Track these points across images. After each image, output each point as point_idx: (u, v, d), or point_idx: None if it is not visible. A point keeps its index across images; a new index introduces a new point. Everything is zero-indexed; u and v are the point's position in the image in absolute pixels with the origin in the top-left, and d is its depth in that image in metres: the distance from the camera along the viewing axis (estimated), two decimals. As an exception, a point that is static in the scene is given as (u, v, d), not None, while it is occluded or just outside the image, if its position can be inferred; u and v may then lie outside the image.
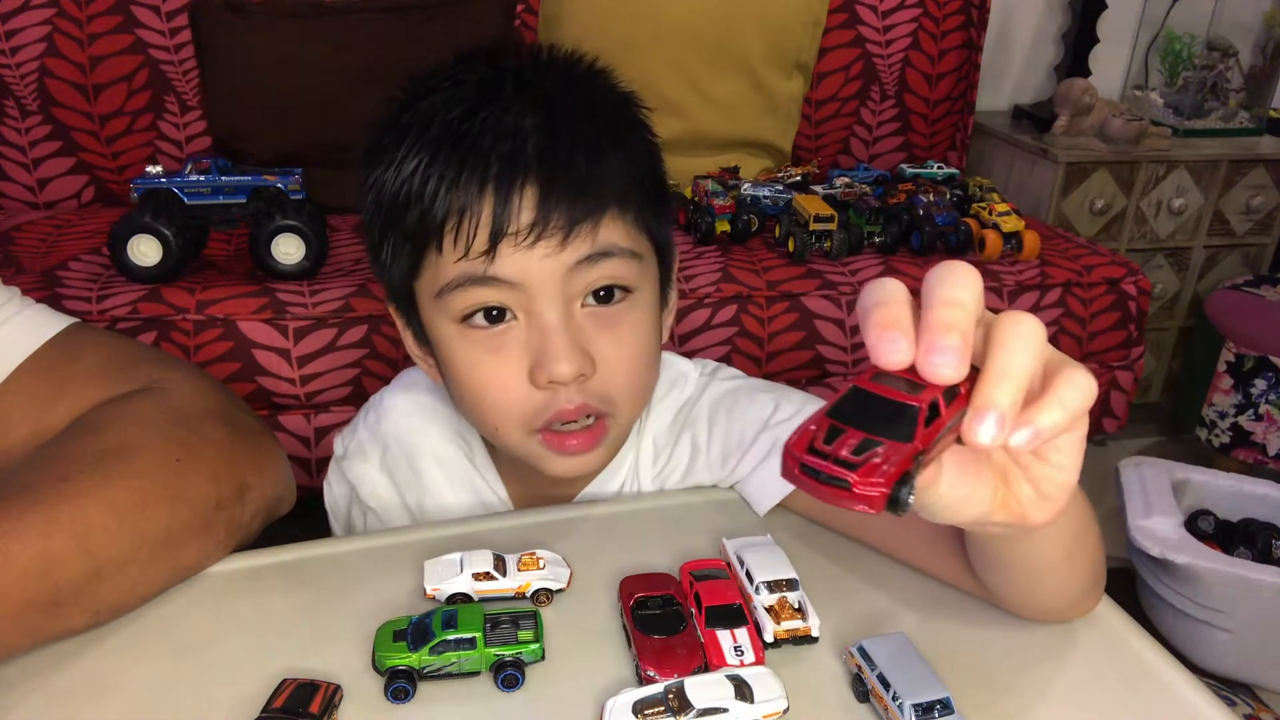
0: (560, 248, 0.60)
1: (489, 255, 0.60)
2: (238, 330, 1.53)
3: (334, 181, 1.92)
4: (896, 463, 0.34)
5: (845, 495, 0.34)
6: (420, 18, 1.96)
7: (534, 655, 0.53)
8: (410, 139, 0.63)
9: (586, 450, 0.66)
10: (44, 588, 0.51)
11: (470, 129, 0.61)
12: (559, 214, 0.60)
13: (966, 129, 2.33)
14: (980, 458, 0.42)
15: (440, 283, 0.63)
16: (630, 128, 0.67)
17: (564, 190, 0.60)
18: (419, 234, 0.62)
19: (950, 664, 0.52)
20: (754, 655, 0.52)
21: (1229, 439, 2.16)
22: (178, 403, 0.63)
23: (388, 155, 0.64)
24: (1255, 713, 1.53)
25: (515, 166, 0.60)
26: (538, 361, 0.62)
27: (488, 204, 0.60)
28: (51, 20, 1.87)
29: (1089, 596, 0.59)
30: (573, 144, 0.61)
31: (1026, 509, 0.43)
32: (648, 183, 0.66)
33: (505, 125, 0.60)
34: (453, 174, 0.60)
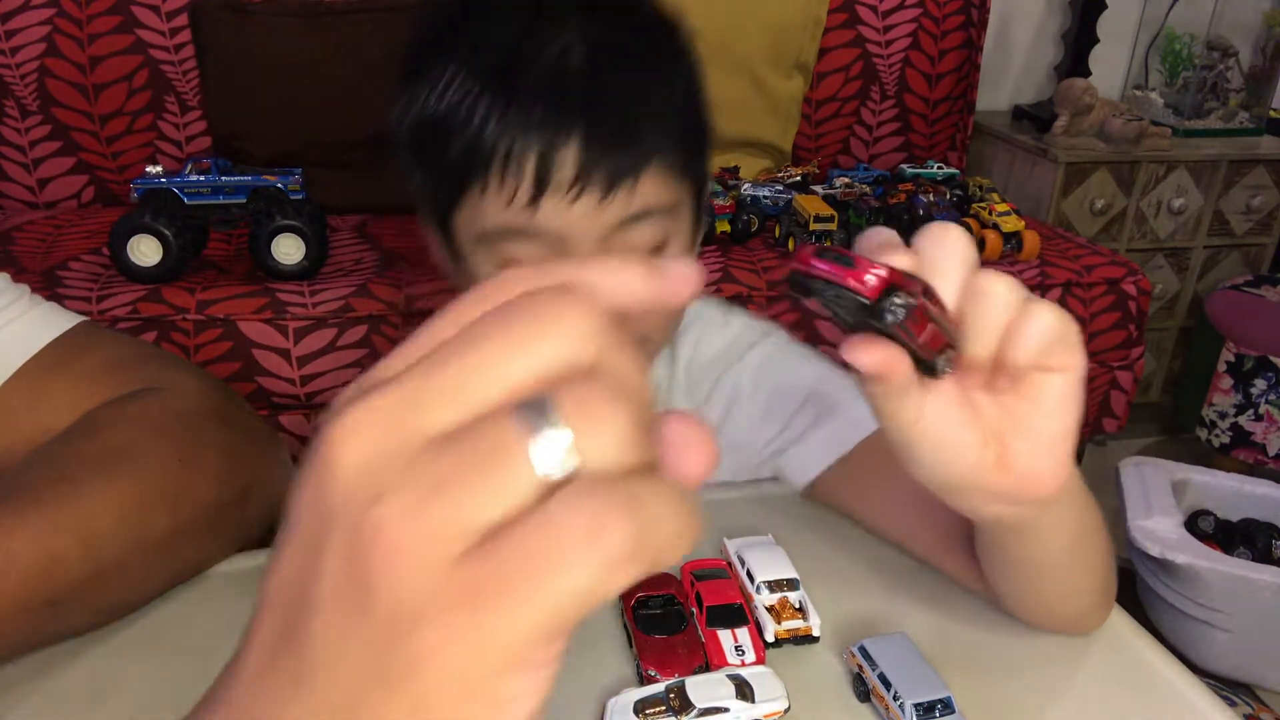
0: (602, 205, 0.60)
1: (532, 207, 0.60)
2: (238, 330, 1.53)
3: (334, 181, 1.92)
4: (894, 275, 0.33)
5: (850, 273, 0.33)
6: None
7: None
8: (456, 62, 0.61)
9: None
10: (46, 588, 0.51)
11: (518, 64, 0.59)
12: (601, 169, 0.59)
13: (966, 129, 2.33)
14: (968, 404, 0.41)
15: (481, 226, 0.62)
16: (677, 59, 0.66)
17: (607, 147, 0.59)
18: (461, 171, 0.61)
19: (951, 664, 0.52)
20: (755, 655, 0.52)
21: (1229, 439, 2.16)
22: (181, 404, 0.63)
23: (430, 73, 0.62)
24: (1255, 713, 1.53)
25: (558, 116, 0.59)
26: None
27: (532, 154, 0.59)
28: (51, 20, 1.87)
29: (1099, 608, 0.58)
30: (618, 96, 0.60)
31: (1025, 469, 0.42)
32: (690, 118, 0.66)
33: (552, 65, 0.59)
34: (499, 113, 0.59)
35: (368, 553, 0.20)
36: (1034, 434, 0.42)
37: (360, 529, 0.20)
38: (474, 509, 0.19)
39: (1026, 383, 0.41)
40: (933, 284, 0.37)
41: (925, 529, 0.63)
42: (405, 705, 0.20)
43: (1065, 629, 0.59)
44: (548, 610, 0.20)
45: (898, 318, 0.34)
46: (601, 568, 0.19)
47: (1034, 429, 0.42)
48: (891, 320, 0.34)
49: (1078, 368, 0.41)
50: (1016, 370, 0.40)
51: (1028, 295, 0.40)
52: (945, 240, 0.39)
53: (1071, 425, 0.42)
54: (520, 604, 0.19)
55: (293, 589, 0.21)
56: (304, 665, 0.21)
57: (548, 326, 0.21)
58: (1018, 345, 0.39)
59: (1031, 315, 0.39)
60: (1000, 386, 0.42)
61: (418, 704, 0.20)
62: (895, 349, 0.36)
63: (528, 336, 0.21)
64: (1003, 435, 0.42)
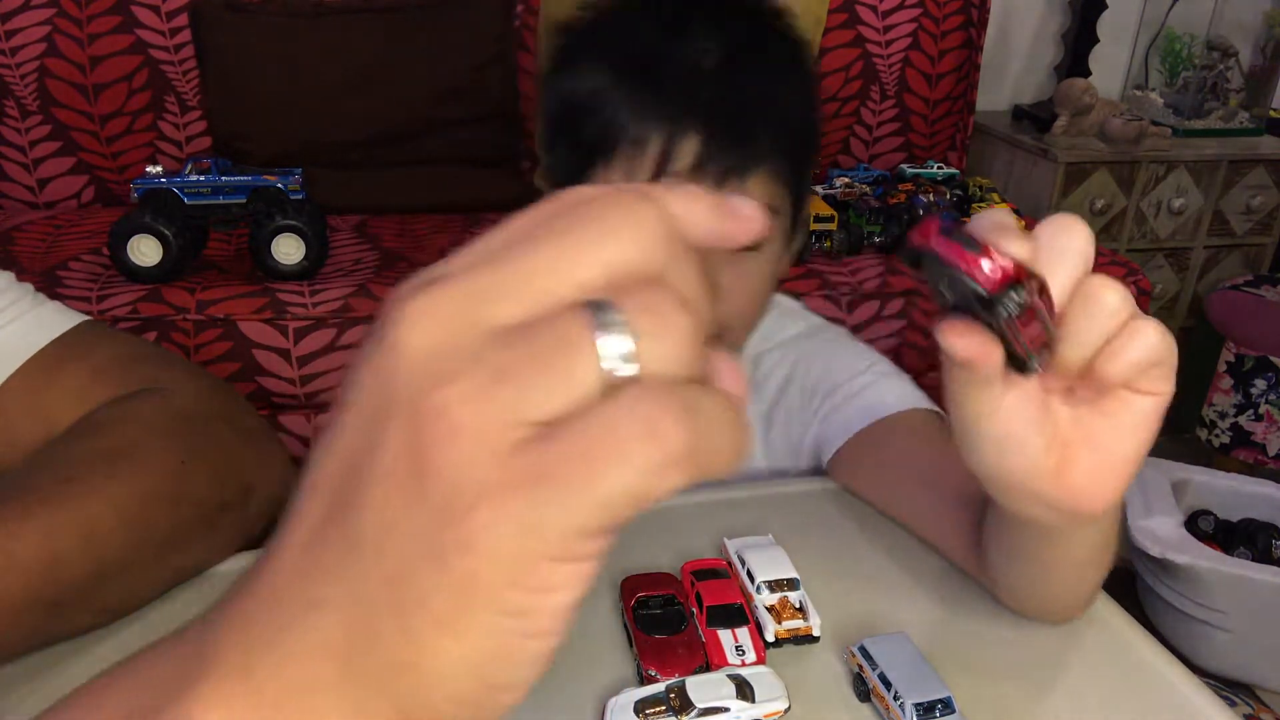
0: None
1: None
2: (238, 330, 1.53)
3: (334, 181, 1.92)
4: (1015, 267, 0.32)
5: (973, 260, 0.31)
6: (420, 18, 1.96)
7: None
8: (597, 53, 0.68)
9: None
10: (48, 588, 0.51)
11: (654, 62, 0.66)
12: (717, 163, 0.65)
13: (966, 129, 2.33)
14: (1043, 405, 0.40)
15: None
16: (799, 74, 0.72)
17: (724, 145, 0.65)
18: (593, 147, 0.67)
19: (951, 663, 0.52)
20: (755, 655, 0.52)
21: (1229, 439, 2.16)
22: (182, 404, 0.63)
23: (573, 61, 0.69)
24: (1255, 713, 1.53)
25: (687, 109, 0.64)
26: None
27: (655, 143, 0.64)
28: (51, 20, 1.87)
29: (1087, 603, 0.59)
30: (743, 99, 0.66)
31: (1082, 484, 0.41)
32: (802, 132, 0.71)
33: (686, 66, 0.65)
34: (630, 104, 0.65)
35: (430, 432, 0.20)
36: (1103, 451, 0.41)
37: (423, 410, 0.20)
38: (537, 399, 0.20)
39: (1111, 398, 0.40)
40: (1046, 279, 0.35)
41: (932, 511, 0.65)
42: (452, 582, 0.20)
43: (1046, 617, 0.59)
44: (600, 502, 0.20)
45: (1010, 314, 0.32)
46: (657, 466, 0.20)
47: (1104, 446, 0.41)
48: (1004, 316, 0.32)
49: (1166, 394, 0.40)
50: (1104, 384, 0.39)
51: (1135, 310, 0.39)
52: (1068, 234, 0.37)
53: (1143, 451, 0.41)
54: (575, 493, 0.20)
55: (346, 467, 0.22)
56: (353, 539, 0.21)
57: (620, 228, 0.21)
58: (1116, 360, 0.38)
59: (1136, 333, 0.38)
60: (1081, 396, 0.41)
61: (464, 582, 0.20)
62: (991, 339, 0.35)
63: (599, 236, 0.21)
64: (1070, 445, 0.41)
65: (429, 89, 1.97)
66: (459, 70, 1.98)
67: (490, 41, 2.01)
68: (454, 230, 1.90)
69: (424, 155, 2.01)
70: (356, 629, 0.21)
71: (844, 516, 0.69)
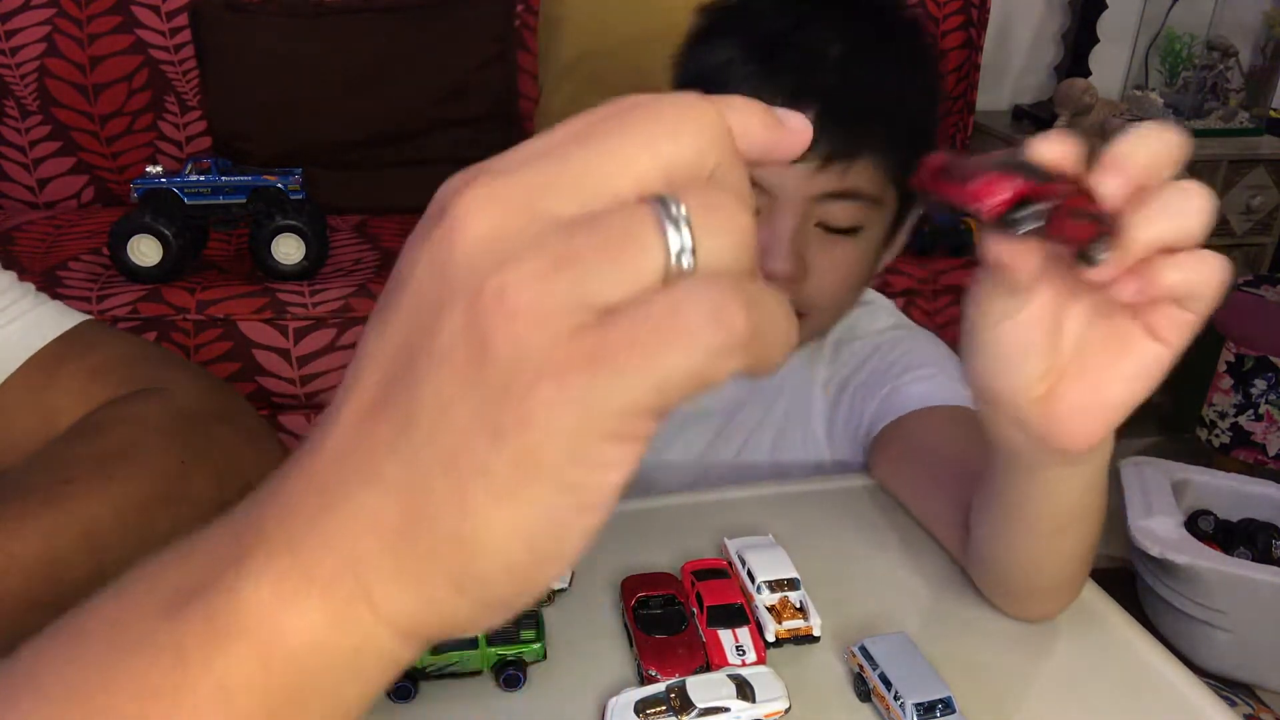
0: (816, 173, 0.68)
1: None
2: (238, 330, 1.53)
3: (334, 181, 1.92)
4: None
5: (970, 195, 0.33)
6: (420, 18, 1.96)
7: (535, 655, 0.53)
8: (729, 31, 0.73)
9: None
10: (49, 589, 0.51)
11: (780, 46, 0.70)
12: (825, 142, 0.67)
13: (966, 129, 2.33)
14: (1053, 331, 0.40)
15: None
16: (919, 77, 0.75)
17: (837, 123, 0.66)
18: None
19: (952, 663, 0.52)
20: (756, 655, 0.52)
21: (1229, 439, 2.16)
22: (182, 404, 0.63)
23: (708, 36, 0.74)
24: (1255, 713, 1.53)
25: (805, 87, 0.68)
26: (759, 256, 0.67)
27: None
28: (51, 20, 1.87)
29: (1068, 587, 0.58)
30: (860, 87, 0.69)
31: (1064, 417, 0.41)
32: (916, 134, 0.73)
33: (811, 51, 0.69)
34: (753, 78, 0.69)
35: (491, 312, 0.20)
36: (1094, 390, 0.41)
37: (484, 292, 0.20)
38: (600, 284, 0.20)
39: (1123, 331, 0.40)
40: (1105, 178, 0.35)
41: (938, 502, 0.66)
42: (509, 456, 0.21)
43: (1032, 605, 0.59)
44: (660, 380, 0.20)
45: (1028, 228, 0.33)
46: (717, 349, 0.20)
47: (1098, 386, 0.41)
48: (1022, 232, 0.33)
49: (1176, 346, 0.39)
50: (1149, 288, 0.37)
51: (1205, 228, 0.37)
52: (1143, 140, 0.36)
53: (1131, 401, 0.41)
54: (635, 372, 0.20)
55: (402, 344, 0.22)
56: (410, 417, 0.21)
57: (678, 128, 0.22)
58: (1170, 267, 0.36)
59: (1198, 254, 0.37)
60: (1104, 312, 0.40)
61: (521, 457, 0.21)
62: (1026, 245, 0.35)
63: (658, 134, 0.22)
64: (1065, 377, 0.41)
65: (429, 89, 1.97)
66: (459, 70, 1.98)
67: (490, 41, 2.01)
68: (454, 230, 1.89)
69: (424, 155, 2.01)
70: (413, 504, 0.21)
71: (845, 516, 0.70)
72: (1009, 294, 0.40)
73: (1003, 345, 0.41)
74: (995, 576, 0.59)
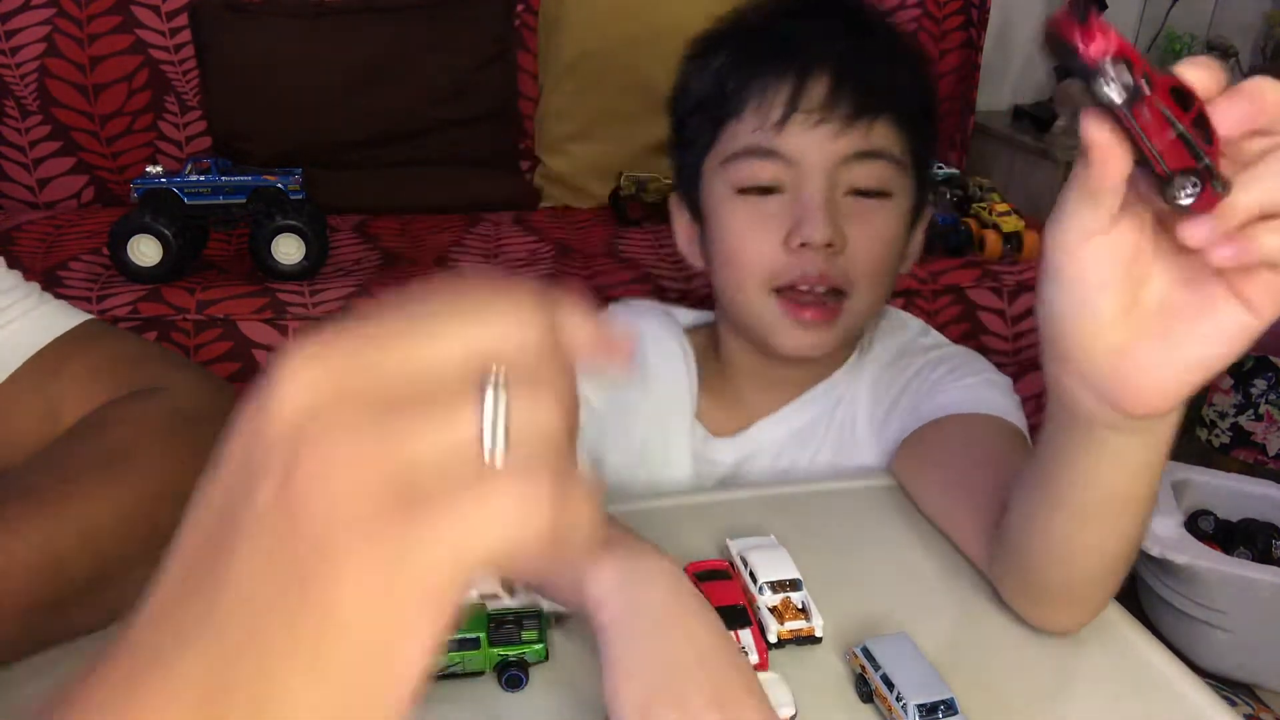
0: (840, 135, 0.70)
1: (780, 126, 0.69)
2: (238, 330, 1.53)
3: (334, 181, 1.92)
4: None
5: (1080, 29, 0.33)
6: (420, 18, 1.96)
7: (537, 656, 0.53)
8: (724, 41, 0.75)
9: (820, 322, 0.71)
10: (50, 589, 0.51)
11: (780, 28, 0.72)
12: (845, 103, 0.69)
13: (966, 129, 2.33)
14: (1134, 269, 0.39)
15: (729, 151, 0.72)
16: (918, 62, 0.78)
17: (853, 84, 0.69)
18: (724, 109, 0.72)
19: (953, 664, 0.52)
20: (758, 657, 0.52)
21: (1229, 439, 2.16)
22: (182, 403, 0.63)
23: (704, 57, 0.76)
24: (1255, 713, 1.53)
25: (815, 56, 0.70)
26: (795, 226, 0.70)
27: (788, 84, 0.70)
28: (51, 20, 1.87)
29: (1100, 589, 0.56)
30: (868, 51, 0.72)
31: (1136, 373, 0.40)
32: (924, 106, 0.76)
33: (812, 27, 0.72)
34: (759, 60, 0.71)
35: (304, 469, 0.20)
36: (1172, 349, 0.39)
37: (298, 454, 0.20)
38: (414, 442, 0.21)
39: (1210, 295, 0.38)
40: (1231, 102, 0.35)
41: (959, 508, 0.65)
42: (313, 625, 0.21)
43: (1055, 611, 0.57)
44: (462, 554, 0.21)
45: (1112, 94, 0.32)
46: (516, 538, 0.21)
47: (1177, 345, 0.39)
48: (1104, 93, 0.32)
49: (1267, 315, 0.38)
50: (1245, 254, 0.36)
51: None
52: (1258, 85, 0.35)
53: (1210, 365, 0.39)
54: (439, 544, 0.20)
55: (221, 509, 0.22)
56: (218, 585, 0.21)
57: (503, 319, 0.23)
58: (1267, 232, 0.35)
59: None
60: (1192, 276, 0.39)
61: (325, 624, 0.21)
62: (1122, 142, 0.35)
63: (482, 322, 0.22)
64: (1142, 329, 0.40)
65: (429, 89, 1.97)
66: (459, 70, 1.98)
67: (490, 41, 2.00)
68: (454, 230, 1.90)
69: (424, 155, 2.00)
70: (220, 679, 0.21)
71: (846, 517, 0.70)
72: (1093, 204, 0.38)
73: (1080, 271, 0.39)
74: (1026, 570, 0.56)
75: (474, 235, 1.87)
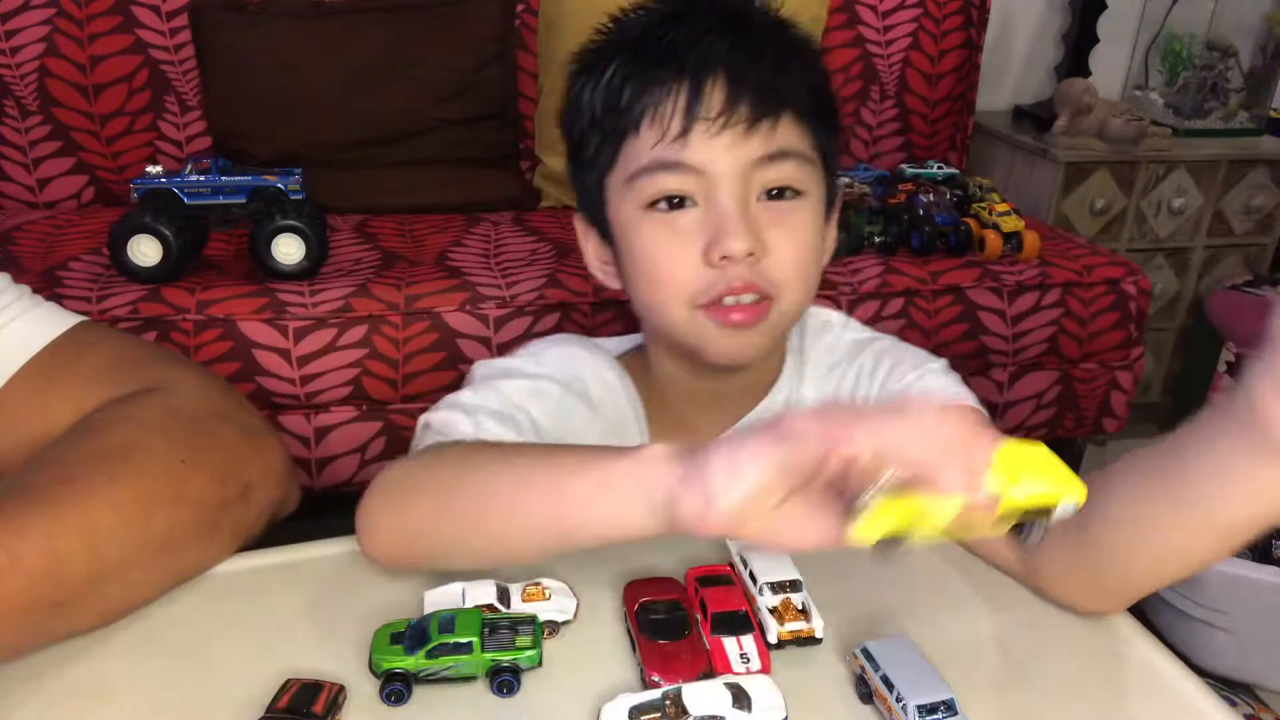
0: (744, 139, 0.67)
1: (683, 139, 0.66)
2: (238, 330, 1.53)
3: (334, 181, 1.92)
4: None
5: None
6: (420, 18, 1.95)
7: (531, 661, 0.53)
8: (611, 52, 0.71)
9: (749, 324, 0.69)
10: (50, 588, 0.51)
11: (666, 35, 0.68)
12: (745, 105, 0.66)
13: (966, 129, 2.33)
14: None
15: (633, 168, 0.69)
16: (810, 52, 0.74)
17: (751, 85, 0.66)
18: (620, 126, 0.69)
19: (954, 665, 0.52)
20: (760, 662, 0.52)
21: (1229, 439, 2.16)
22: (182, 403, 0.63)
23: (594, 67, 0.72)
24: (1255, 713, 1.53)
25: (708, 62, 0.66)
26: (713, 239, 0.67)
27: (683, 93, 0.66)
28: (51, 20, 1.87)
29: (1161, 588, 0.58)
30: (760, 49, 0.69)
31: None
32: (822, 98, 0.72)
33: (698, 31, 0.68)
34: (651, 70, 0.68)
35: None
36: None
37: None
38: None
39: None
40: None
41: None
42: None
43: (1107, 602, 0.59)
44: None
45: None
46: None
47: None
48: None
49: None
50: None
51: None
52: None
53: None
54: None
55: None
56: None
57: None
58: None
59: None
60: None
61: None
62: None
63: None
64: None
65: (429, 89, 1.97)
66: (459, 70, 1.98)
67: (490, 41, 2.00)
68: (454, 230, 1.90)
69: (424, 155, 2.00)
70: None
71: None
72: None
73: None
74: (1108, 566, 0.57)
75: (474, 235, 1.87)
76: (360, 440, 1.62)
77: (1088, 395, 1.90)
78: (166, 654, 0.56)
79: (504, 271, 1.70)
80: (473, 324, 1.60)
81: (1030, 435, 1.92)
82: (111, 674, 0.54)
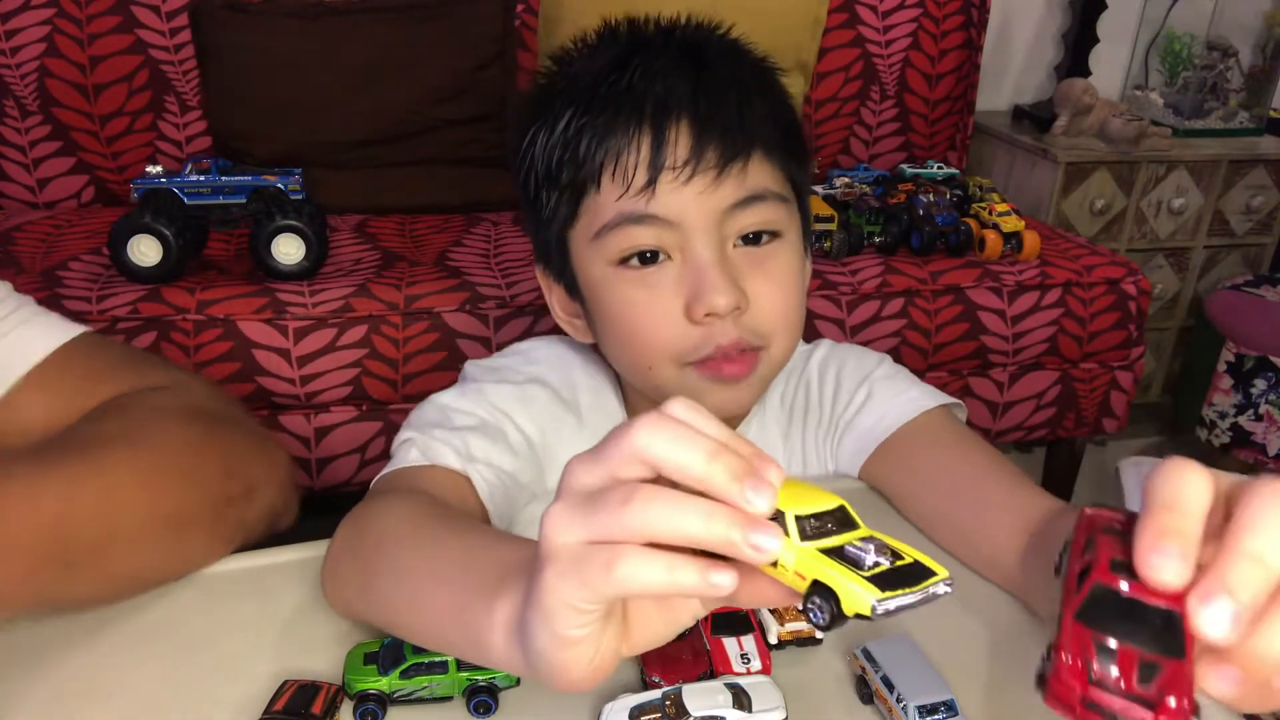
0: (715, 185, 0.62)
1: (648, 190, 0.62)
2: (238, 330, 1.53)
3: (334, 181, 1.92)
4: (1187, 690, 0.31)
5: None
6: (420, 18, 1.96)
7: (508, 681, 0.52)
8: (563, 98, 0.65)
9: (742, 376, 0.66)
10: (61, 546, 0.51)
11: (622, 78, 0.63)
12: (712, 150, 0.62)
13: (966, 129, 2.33)
14: None
15: (598, 224, 0.64)
16: (770, 80, 0.69)
17: (716, 128, 0.62)
18: (578, 179, 0.64)
19: (954, 666, 0.52)
20: (760, 663, 0.52)
21: (1229, 439, 2.16)
22: (191, 400, 0.65)
23: (543, 116, 0.66)
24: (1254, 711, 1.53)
25: (669, 105, 0.62)
26: (694, 295, 0.63)
27: (645, 141, 0.62)
28: (51, 20, 1.87)
29: None
30: (722, 87, 0.63)
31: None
32: (789, 128, 0.68)
33: (656, 71, 0.63)
34: (609, 118, 0.63)
35: None
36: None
37: None
38: None
39: None
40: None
41: (961, 516, 0.65)
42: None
43: None
44: None
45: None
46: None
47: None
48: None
49: None
50: None
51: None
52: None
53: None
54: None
55: None
56: None
57: None
58: None
59: None
60: None
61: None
62: None
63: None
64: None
65: (429, 89, 1.97)
66: (459, 70, 1.98)
67: (490, 41, 2.00)
68: (454, 230, 1.90)
69: (424, 155, 2.00)
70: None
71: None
72: None
73: None
74: None
75: (474, 235, 1.87)
76: (360, 440, 1.62)
77: (1088, 395, 1.91)
78: (164, 654, 0.56)
79: (504, 271, 1.70)
80: (473, 324, 1.60)
81: (1030, 435, 1.93)
82: (109, 674, 0.54)
